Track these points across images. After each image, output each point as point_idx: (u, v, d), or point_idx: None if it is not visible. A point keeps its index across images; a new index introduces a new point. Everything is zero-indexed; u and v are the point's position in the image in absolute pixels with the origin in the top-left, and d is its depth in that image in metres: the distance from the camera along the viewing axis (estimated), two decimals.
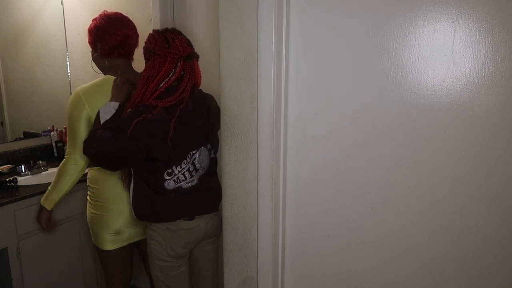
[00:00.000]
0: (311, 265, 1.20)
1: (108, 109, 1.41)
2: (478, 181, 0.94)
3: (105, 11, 1.59)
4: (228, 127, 1.20)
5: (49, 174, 2.22)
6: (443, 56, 0.92)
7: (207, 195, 1.49)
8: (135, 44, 1.62)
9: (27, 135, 2.44)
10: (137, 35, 1.62)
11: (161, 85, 1.34)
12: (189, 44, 1.40)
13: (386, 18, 0.96)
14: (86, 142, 1.39)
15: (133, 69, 1.64)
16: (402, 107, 0.98)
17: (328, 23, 1.04)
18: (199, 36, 2.04)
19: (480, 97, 0.90)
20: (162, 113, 1.32)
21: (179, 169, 1.40)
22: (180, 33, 1.39)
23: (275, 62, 1.07)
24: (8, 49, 2.35)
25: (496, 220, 0.94)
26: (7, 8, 2.32)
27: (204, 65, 1.99)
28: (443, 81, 0.93)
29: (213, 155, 1.52)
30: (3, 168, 2.14)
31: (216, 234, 1.59)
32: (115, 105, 1.43)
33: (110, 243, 1.60)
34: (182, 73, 1.36)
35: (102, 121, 1.39)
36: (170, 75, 1.34)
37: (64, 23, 2.55)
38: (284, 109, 1.13)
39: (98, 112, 1.41)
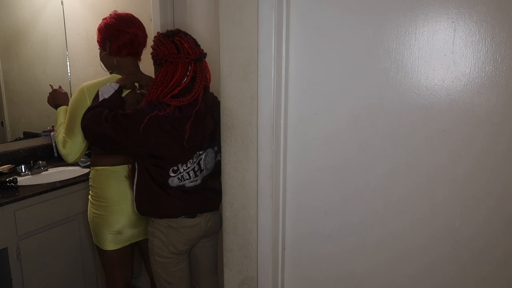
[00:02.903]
0: (311, 265, 1.20)
1: (108, 89, 1.43)
2: (478, 181, 0.94)
3: (115, 11, 1.61)
4: (228, 127, 1.20)
5: (49, 174, 2.22)
6: (443, 56, 0.92)
7: (209, 194, 1.51)
8: (143, 44, 1.63)
9: (27, 135, 2.44)
10: (145, 36, 1.63)
11: (175, 89, 1.35)
12: (196, 44, 1.41)
13: (386, 18, 0.96)
14: (90, 120, 1.35)
15: (140, 70, 1.65)
16: (402, 107, 0.98)
17: (328, 23, 1.04)
18: (199, 36, 2.03)
19: (480, 97, 0.90)
20: (175, 111, 1.33)
21: (185, 168, 1.41)
22: (186, 34, 1.40)
23: (275, 62, 1.07)
24: (8, 49, 2.35)
25: (496, 220, 0.93)
26: (7, 8, 2.32)
27: None
28: (443, 81, 0.93)
29: (219, 158, 1.53)
30: (3, 168, 2.14)
31: (216, 231, 1.60)
32: (115, 85, 1.44)
33: (111, 244, 1.60)
34: (193, 74, 1.37)
35: (100, 99, 1.41)
36: (184, 78, 1.36)
37: (64, 23, 2.55)
38: (284, 109, 1.13)
39: (98, 91, 1.43)
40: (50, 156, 2.47)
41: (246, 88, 1.13)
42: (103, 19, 1.59)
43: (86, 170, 2.22)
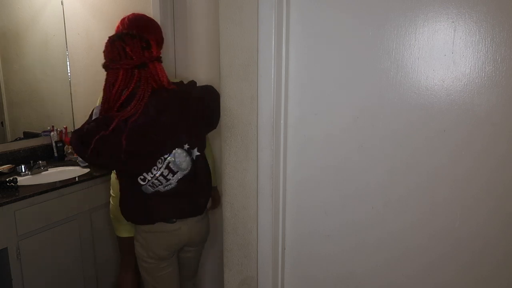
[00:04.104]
0: (311, 265, 1.20)
1: (98, 109, 1.41)
2: (478, 181, 0.94)
3: (133, 13, 1.59)
4: (228, 127, 1.20)
5: (49, 174, 2.22)
6: (443, 56, 0.92)
7: (189, 198, 1.44)
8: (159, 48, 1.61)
9: (27, 135, 2.44)
10: (161, 39, 1.62)
11: (122, 95, 1.29)
12: (144, 47, 1.31)
13: (386, 18, 0.96)
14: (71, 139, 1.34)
15: None
16: (402, 107, 0.98)
17: (328, 23, 1.04)
18: (199, 36, 2.03)
19: (480, 97, 0.90)
20: (120, 125, 1.25)
21: (151, 176, 1.35)
22: (133, 37, 1.31)
23: (275, 62, 1.07)
24: (8, 49, 2.35)
25: (497, 220, 0.93)
26: (7, 8, 2.32)
27: (203, 65, 1.99)
28: (443, 81, 0.93)
29: (197, 153, 1.42)
30: (3, 168, 2.14)
31: (203, 240, 1.57)
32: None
33: (122, 231, 1.73)
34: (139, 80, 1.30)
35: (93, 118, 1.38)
36: (128, 84, 1.29)
37: (64, 23, 2.55)
38: (284, 109, 1.13)
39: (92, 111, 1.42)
40: (50, 156, 2.47)
41: (246, 88, 1.13)
42: (120, 21, 1.56)
43: (86, 170, 2.22)
